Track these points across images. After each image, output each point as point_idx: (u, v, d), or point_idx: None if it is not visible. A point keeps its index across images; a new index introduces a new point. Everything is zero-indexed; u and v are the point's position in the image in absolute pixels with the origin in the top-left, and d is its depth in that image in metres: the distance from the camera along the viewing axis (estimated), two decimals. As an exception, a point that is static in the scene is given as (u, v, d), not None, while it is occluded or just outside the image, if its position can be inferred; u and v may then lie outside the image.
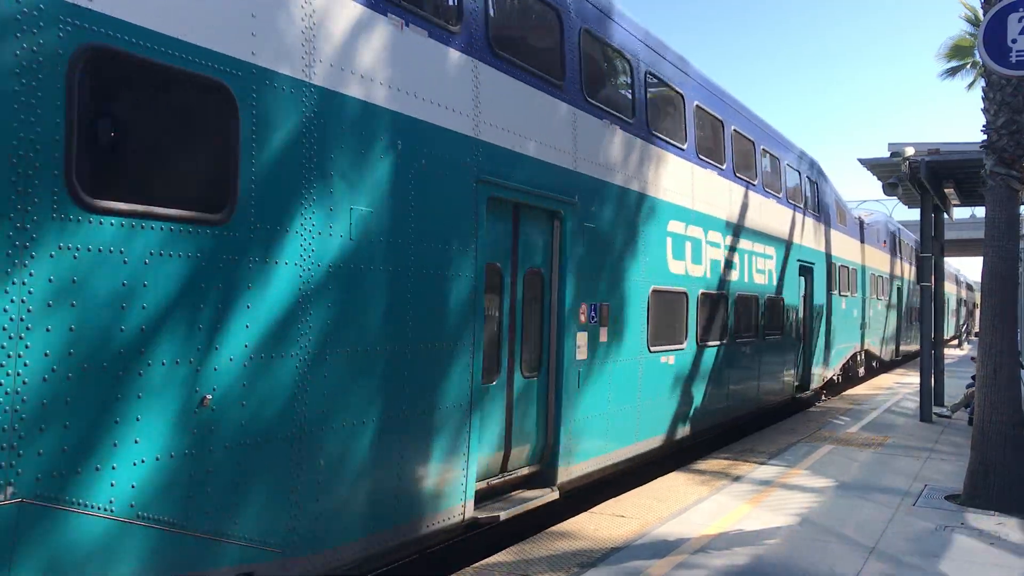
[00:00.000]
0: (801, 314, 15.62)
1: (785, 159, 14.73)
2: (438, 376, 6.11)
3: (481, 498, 6.88)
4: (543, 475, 7.71)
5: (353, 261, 5.34)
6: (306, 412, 5.00)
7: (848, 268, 19.65)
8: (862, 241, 21.65)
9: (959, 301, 58.14)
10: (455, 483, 6.38)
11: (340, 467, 5.27)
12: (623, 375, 8.79)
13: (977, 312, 64.41)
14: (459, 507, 6.45)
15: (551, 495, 7.58)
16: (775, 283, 13.95)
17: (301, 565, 4.98)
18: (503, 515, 6.82)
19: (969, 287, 69.98)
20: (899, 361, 29.43)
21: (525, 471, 7.56)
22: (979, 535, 7.56)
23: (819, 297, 16.67)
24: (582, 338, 7.95)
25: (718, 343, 11.54)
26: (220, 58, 4.50)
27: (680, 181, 10.17)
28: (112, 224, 3.96)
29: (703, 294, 10.91)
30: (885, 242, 25.27)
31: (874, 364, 24.79)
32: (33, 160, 3.65)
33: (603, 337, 8.36)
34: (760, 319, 13.21)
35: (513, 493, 7.45)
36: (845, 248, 19.36)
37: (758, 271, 13.18)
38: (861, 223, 22.05)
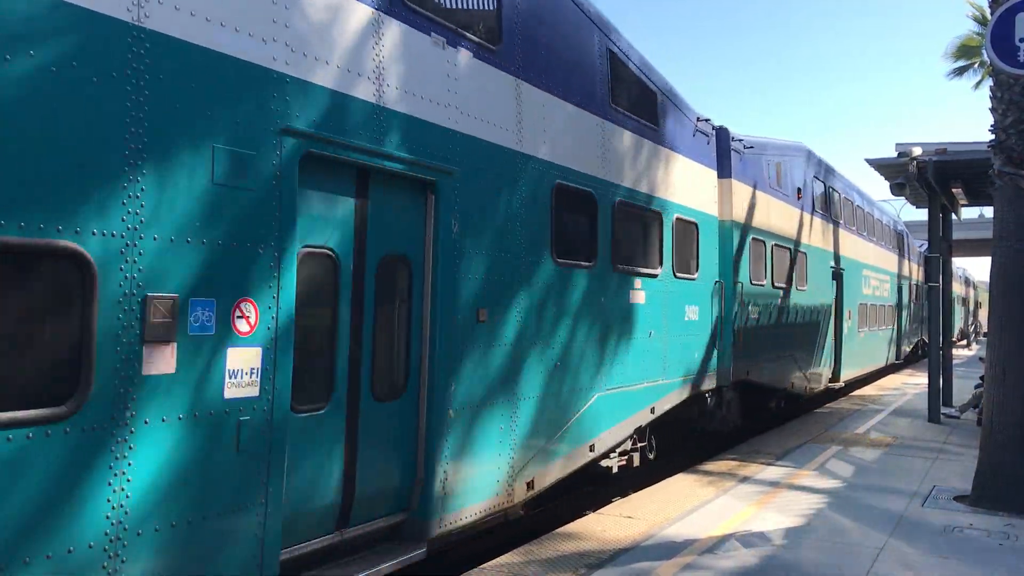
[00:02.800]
0: (402, 327, 6.13)
1: None
2: None
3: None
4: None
5: None
6: None
7: (660, 218, 9.62)
8: (724, 175, 11.61)
9: (960, 299, 56.24)
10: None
11: None
12: None
13: (981, 312, 63.28)
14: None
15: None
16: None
17: None
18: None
19: (971, 284, 67.35)
20: (836, 393, 18.50)
21: None
22: (988, 536, 7.53)
23: (508, 282, 7.00)
24: None
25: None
26: None
27: None
28: None
29: None
30: (800, 191, 14.76)
31: (774, 405, 14.32)
32: None
33: None
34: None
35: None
36: (664, 177, 9.77)
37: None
38: (719, 137, 11.60)
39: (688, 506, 8.31)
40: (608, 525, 7.55)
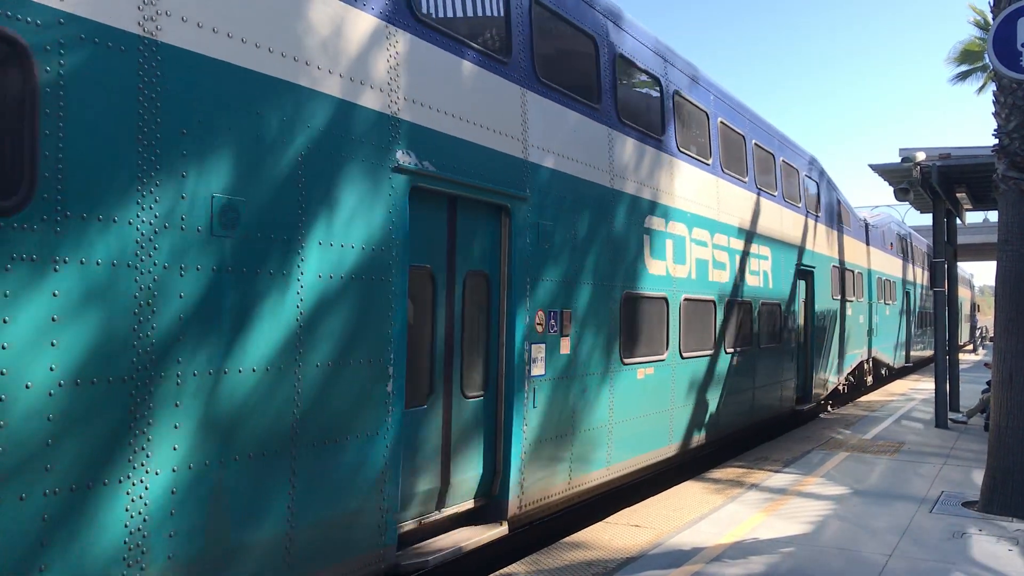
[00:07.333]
0: None
1: None
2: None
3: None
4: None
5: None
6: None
7: None
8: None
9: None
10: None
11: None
12: None
13: (980, 315, 61.91)
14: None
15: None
16: None
17: None
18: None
19: (971, 286, 63.71)
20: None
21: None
22: (997, 541, 7.49)
23: None
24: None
25: None
26: None
27: None
28: None
29: None
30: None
31: None
32: None
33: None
34: None
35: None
36: None
37: None
38: None
39: (696, 514, 8.28)
40: (615, 534, 7.53)
